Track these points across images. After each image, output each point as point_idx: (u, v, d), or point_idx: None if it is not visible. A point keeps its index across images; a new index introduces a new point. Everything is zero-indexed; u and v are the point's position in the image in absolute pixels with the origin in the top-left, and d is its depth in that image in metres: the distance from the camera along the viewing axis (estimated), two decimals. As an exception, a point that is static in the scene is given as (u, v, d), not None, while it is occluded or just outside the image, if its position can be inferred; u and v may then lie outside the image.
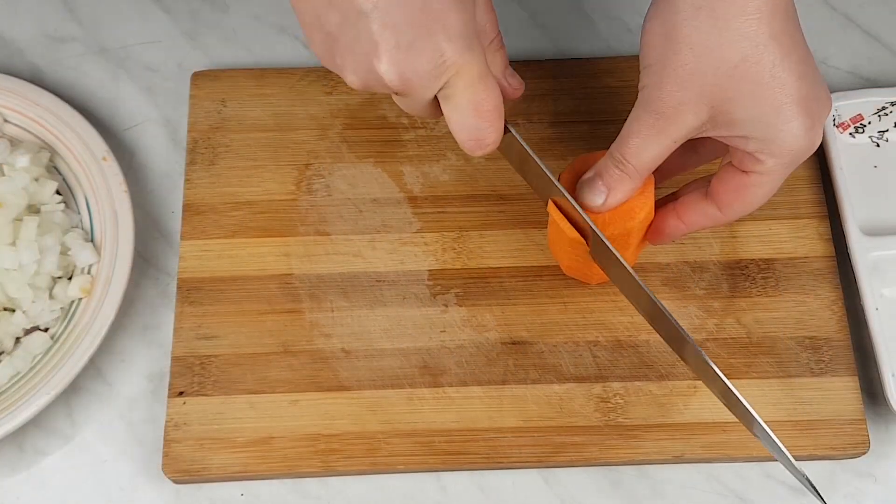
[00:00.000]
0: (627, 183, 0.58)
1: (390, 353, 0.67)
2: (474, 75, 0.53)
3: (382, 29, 0.51)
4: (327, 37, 0.53)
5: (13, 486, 0.66)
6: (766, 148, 0.56)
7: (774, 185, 0.58)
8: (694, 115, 0.55)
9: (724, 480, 0.65)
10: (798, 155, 0.56)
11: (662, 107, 0.55)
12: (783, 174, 0.58)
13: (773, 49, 0.54)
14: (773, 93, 0.54)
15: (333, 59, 0.54)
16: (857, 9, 0.80)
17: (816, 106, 0.56)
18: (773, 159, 0.56)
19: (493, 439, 0.65)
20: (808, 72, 0.55)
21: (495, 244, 0.70)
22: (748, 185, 0.58)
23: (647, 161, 0.57)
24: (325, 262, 0.70)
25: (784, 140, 0.55)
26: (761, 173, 0.57)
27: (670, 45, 0.55)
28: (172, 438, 0.65)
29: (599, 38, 0.79)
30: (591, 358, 0.67)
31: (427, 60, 0.52)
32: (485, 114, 0.55)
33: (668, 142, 0.56)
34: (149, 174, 0.74)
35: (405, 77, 0.52)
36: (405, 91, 0.53)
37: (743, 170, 0.58)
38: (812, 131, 0.55)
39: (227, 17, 0.80)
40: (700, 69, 0.54)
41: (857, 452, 0.65)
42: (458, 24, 0.52)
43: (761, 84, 0.54)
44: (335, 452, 0.64)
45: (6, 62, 0.78)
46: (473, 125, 0.55)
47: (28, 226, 0.67)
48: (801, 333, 0.67)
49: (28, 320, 0.67)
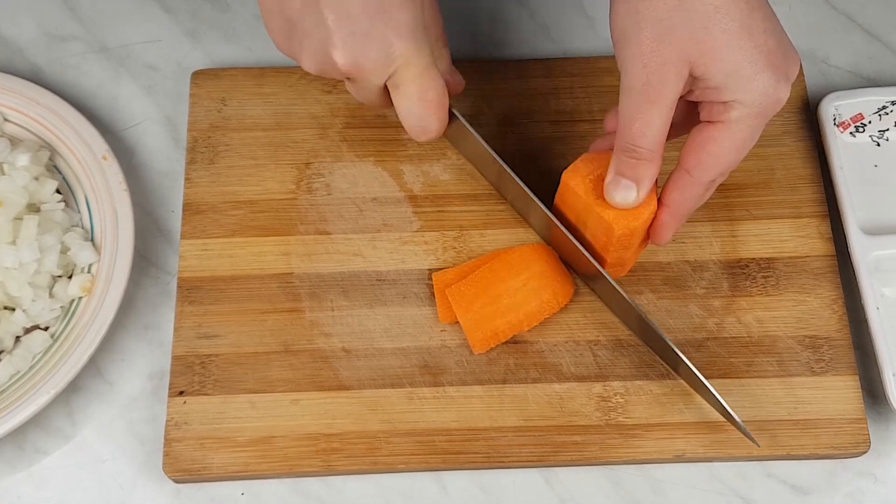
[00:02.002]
0: (649, 168, 0.59)
1: (391, 353, 0.67)
2: (420, 66, 0.59)
3: (338, 18, 0.56)
4: (287, 22, 0.58)
5: (13, 485, 0.65)
6: (737, 97, 0.57)
7: (739, 140, 0.58)
8: (676, 74, 0.56)
9: (724, 479, 0.65)
10: (766, 107, 0.57)
11: (647, 74, 0.56)
12: (749, 127, 0.58)
13: (739, 2, 0.56)
14: (743, 42, 0.56)
15: (291, 45, 0.59)
16: (858, 8, 0.80)
17: (783, 62, 0.57)
18: (741, 108, 0.57)
19: (493, 438, 0.65)
20: (773, 28, 0.57)
21: (496, 243, 0.70)
22: (714, 137, 0.58)
23: (655, 137, 0.58)
24: (326, 261, 0.70)
25: (755, 89, 0.56)
26: (727, 122, 0.58)
27: (643, 6, 0.56)
28: (173, 438, 0.65)
29: (599, 37, 0.79)
30: (592, 357, 0.67)
31: (378, 49, 0.58)
32: (429, 103, 0.60)
33: (665, 109, 0.57)
34: (149, 173, 0.74)
35: (357, 63, 0.58)
36: (356, 76, 0.59)
37: (710, 120, 0.58)
38: (779, 85, 0.57)
39: (227, 15, 0.80)
40: (674, 24, 0.55)
41: (858, 452, 0.65)
42: (407, 19, 0.58)
43: (733, 34, 0.56)
44: (336, 452, 0.64)
45: (6, 61, 0.78)
46: (418, 113, 0.61)
47: (28, 225, 0.67)
48: (802, 332, 0.67)
49: (28, 319, 0.67)
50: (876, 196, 0.71)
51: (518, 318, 0.66)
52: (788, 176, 0.72)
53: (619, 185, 0.59)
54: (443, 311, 0.67)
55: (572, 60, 0.76)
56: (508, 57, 0.77)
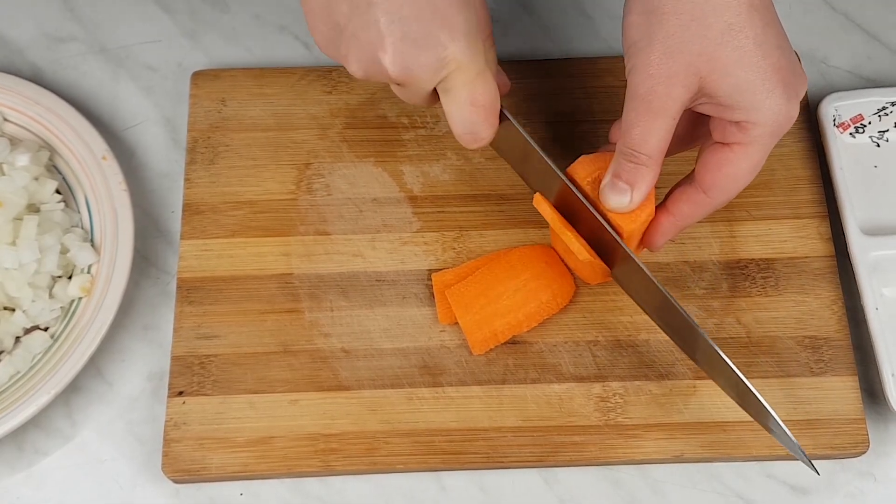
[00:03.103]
0: (646, 173, 0.58)
1: (390, 353, 0.67)
2: (473, 72, 0.56)
3: (390, 22, 0.53)
4: (334, 26, 0.55)
5: (12, 485, 0.65)
6: (750, 117, 0.56)
7: (756, 160, 0.58)
8: (683, 87, 0.56)
9: (724, 480, 0.65)
10: (779, 126, 0.57)
11: (653, 84, 0.56)
12: (764, 146, 0.58)
13: (755, 18, 0.55)
14: (757, 60, 0.55)
15: (338, 49, 0.56)
16: (858, 9, 0.80)
17: (794, 79, 0.57)
18: (756, 129, 0.57)
19: (492, 439, 0.65)
20: (785, 45, 0.57)
21: (495, 244, 0.70)
22: (731, 160, 0.58)
23: (656, 145, 0.57)
24: (325, 261, 0.70)
25: (769, 108, 0.56)
26: (744, 144, 0.57)
27: (655, 19, 0.56)
28: (172, 438, 0.65)
29: (599, 38, 0.79)
30: (591, 357, 0.67)
31: (430, 55, 0.54)
32: (480, 109, 0.57)
33: (668, 119, 0.57)
34: (149, 173, 0.74)
35: (408, 69, 0.54)
36: (406, 82, 0.56)
37: (725, 142, 0.58)
38: (790, 103, 0.56)
39: (227, 16, 0.80)
40: (686, 39, 0.55)
41: (857, 452, 0.65)
42: (461, 21, 0.55)
43: (746, 51, 0.55)
44: (335, 452, 0.64)
45: (6, 61, 0.78)
46: (469, 119, 0.57)
47: (28, 225, 0.67)
48: (801, 333, 0.67)
49: (28, 320, 0.67)
50: (875, 197, 0.71)
51: (517, 318, 0.66)
52: (788, 176, 0.72)
53: (615, 187, 0.59)
54: (442, 311, 0.67)
55: (572, 61, 0.76)
56: (508, 57, 0.77)
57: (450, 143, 0.73)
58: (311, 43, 0.78)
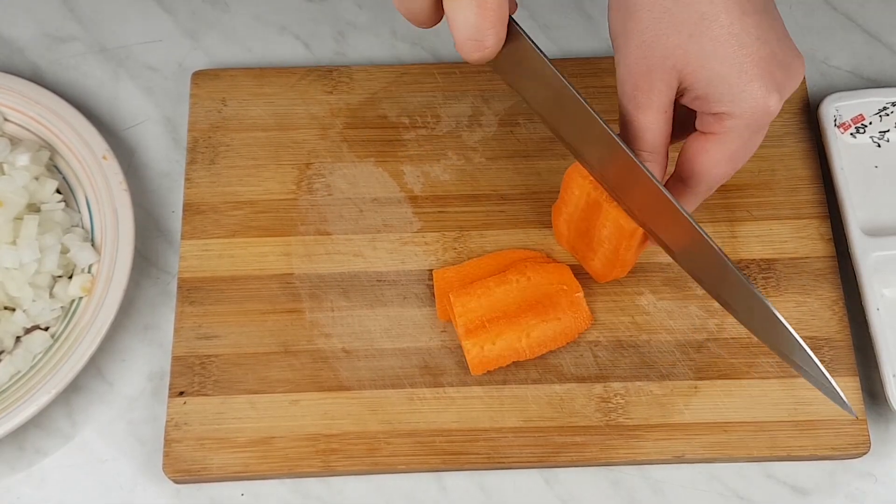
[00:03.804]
0: (651, 168, 0.58)
1: (391, 353, 0.67)
2: None
3: None
4: None
5: (13, 485, 0.65)
6: (725, 108, 0.56)
7: (731, 150, 0.58)
8: (662, 81, 0.56)
9: (724, 480, 0.65)
10: (756, 118, 0.56)
11: (635, 80, 0.56)
12: (740, 137, 0.57)
13: (730, 8, 0.54)
14: (732, 51, 0.54)
15: None
16: (858, 9, 0.80)
17: (780, 72, 0.56)
18: (731, 120, 0.56)
19: (493, 439, 0.65)
20: (771, 37, 0.56)
21: (496, 244, 0.70)
22: (707, 149, 0.58)
23: (652, 140, 0.57)
24: (326, 261, 0.70)
25: (744, 100, 0.55)
26: (720, 133, 0.57)
27: (629, 14, 0.55)
28: (173, 438, 0.65)
29: (599, 38, 0.79)
30: (592, 358, 0.67)
31: None
32: (487, 12, 0.51)
33: (657, 113, 0.57)
34: (149, 173, 0.74)
35: None
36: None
37: (704, 132, 0.58)
38: (770, 96, 0.55)
39: (227, 16, 0.80)
40: (660, 32, 0.55)
41: (858, 452, 0.65)
42: None
43: (720, 42, 0.54)
44: (335, 452, 0.64)
45: (6, 61, 0.77)
46: (474, 23, 0.51)
47: (28, 225, 0.67)
48: (802, 333, 0.67)
49: (28, 319, 0.67)
50: (876, 197, 0.71)
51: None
52: (789, 177, 0.72)
53: None
54: (441, 309, 0.67)
55: (572, 61, 0.76)
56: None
57: (450, 143, 0.73)
58: (311, 43, 0.78)
